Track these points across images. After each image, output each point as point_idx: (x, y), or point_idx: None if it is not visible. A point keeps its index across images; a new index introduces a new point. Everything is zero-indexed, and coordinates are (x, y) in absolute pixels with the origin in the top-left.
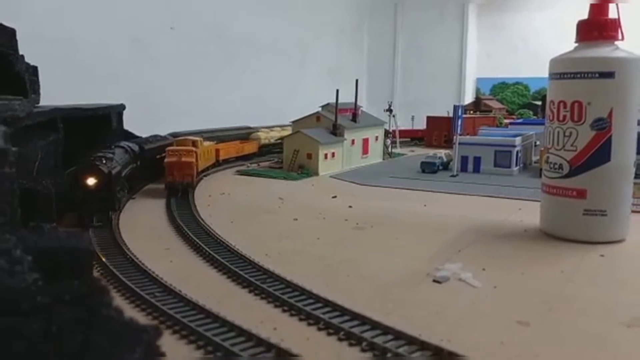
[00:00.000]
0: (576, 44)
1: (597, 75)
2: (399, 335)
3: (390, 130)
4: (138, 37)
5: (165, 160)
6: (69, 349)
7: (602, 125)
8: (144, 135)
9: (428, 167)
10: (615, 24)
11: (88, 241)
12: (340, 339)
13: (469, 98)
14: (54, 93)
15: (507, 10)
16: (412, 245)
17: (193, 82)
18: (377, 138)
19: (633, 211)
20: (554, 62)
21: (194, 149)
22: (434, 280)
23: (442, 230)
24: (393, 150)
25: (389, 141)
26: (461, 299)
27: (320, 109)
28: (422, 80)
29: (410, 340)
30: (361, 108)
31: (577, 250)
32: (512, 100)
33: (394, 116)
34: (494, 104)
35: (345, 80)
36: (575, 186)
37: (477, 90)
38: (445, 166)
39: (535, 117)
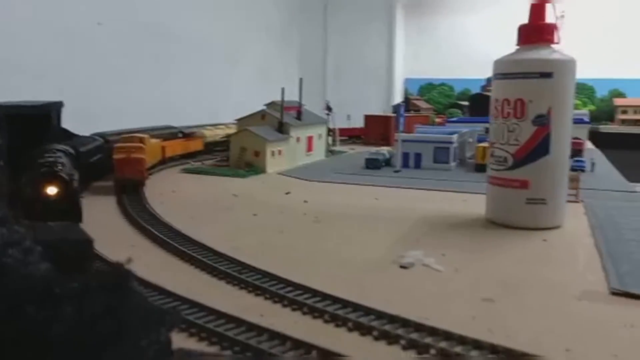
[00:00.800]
0: (517, 47)
1: (537, 75)
2: (380, 314)
3: (332, 129)
4: (64, 33)
5: (114, 157)
6: (103, 331)
7: (542, 122)
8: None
9: (372, 164)
10: (552, 29)
11: (85, 232)
12: (326, 321)
13: (398, 98)
14: None
15: (433, 14)
16: (372, 236)
17: (122, 80)
18: (320, 136)
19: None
20: (498, 63)
21: (142, 145)
22: (401, 266)
23: (396, 222)
24: (334, 148)
25: (331, 139)
26: (428, 281)
27: (264, 107)
28: (354, 80)
29: (392, 319)
30: (304, 106)
31: (522, 235)
32: (439, 101)
33: (328, 114)
34: (422, 104)
35: (277, 79)
36: (519, 177)
37: (406, 91)
38: (388, 162)
39: (463, 116)
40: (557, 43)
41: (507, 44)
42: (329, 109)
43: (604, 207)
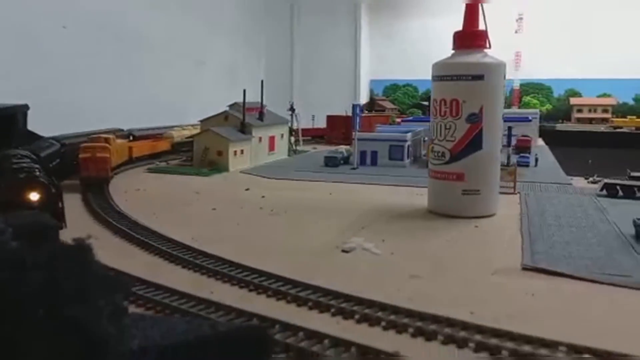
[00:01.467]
0: (453, 51)
1: (470, 77)
2: (326, 292)
3: (294, 129)
4: (27, 35)
5: (80, 156)
6: (66, 292)
7: (475, 119)
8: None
9: (331, 161)
10: (484, 35)
11: (51, 219)
12: (268, 296)
13: (364, 98)
14: None
15: (397, 17)
16: (322, 225)
17: (87, 82)
18: (282, 135)
19: (501, 192)
20: (436, 66)
21: (107, 145)
22: (343, 250)
23: (347, 213)
24: (297, 147)
25: (293, 138)
26: (365, 263)
27: (228, 108)
28: (320, 81)
29: (336, 295)
30: (266, 107)
31: (458, 223)
32: (403, 101)
33: (296, 115)
34: (387, 104)
35: (243, 80)
36: (455, 170)
37: (371, 91)
38: (346, 160)
39: (423, 115)
40: (488, 48)
41: None
42: (292, 109)
43: (537, 197)
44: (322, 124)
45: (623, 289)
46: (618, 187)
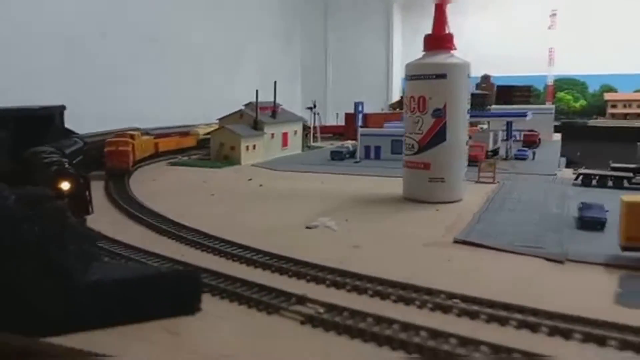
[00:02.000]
0: (423, 53)
1: (434, 76)
2: (274, 256)
3: (310, 126)
4: (72, 43)
5: (105, 149)
6: (48, 239)
7: (439, 114)
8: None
9: (336, 156)
10: (450, 38)
11: (49, 192)
12: (233, 261)
13: (396, 96)
14: None
15: (429, 15)
16: (301, 208)
17: (126, 85)
18: (295, 132)
19: (481, 182)
20: (407, 67)
21: (130, 140)
22: (307, 227)
23: (328, 199)
24: (314, 143)
25: (307, 135)
26: (323, 237)
27: (243, 107)
28: (353, 80)
29: (280, 258)
30: (281, 106)
31: (422, 207)
32: None
33: (317, 113)
34: None
35: (279, 80)
36: (423, 160)
37: (403, 90)
38: (352, 154)
39: None
40: (454, 49)
41: (500, 44)
42: (311, 108)
43: (511, 186)
44: None
45: (533, 258)
46: (592, 177)
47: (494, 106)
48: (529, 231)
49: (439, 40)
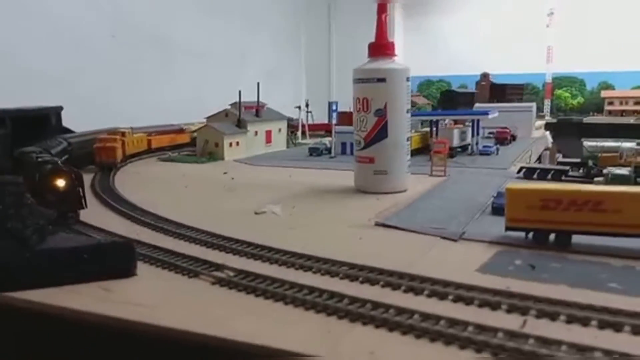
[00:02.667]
0: (368, 59)
1: (375, 80)
2: (222, 237)
3: (294, 124)
4: (81, 45)
5: (95, 145)
6: (9, 214)
7: (380, 114)
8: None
9: (314, 152)
10: (391, 46)
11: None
12: (186, 240)
13: None
14: (2, 97)
15: (429, 14)
16: (258, 197)
17: (134, 84)
18: (280, 130)
19: (434, 175)
20: (354, 71)
21: (118, 137)
22: (255, 213)
23: (288, 189)
24: (302, 140)
25: (293, 132)
26: (266, 221)
27: (229, 106)
28: None
29: (226, 239)
30: (266, 105)
31: (367, 197)
32: (436, 96)
33: (309, 112)
34: (420, 100)
35: (284, 80)
36: (368, 155)
37: None
38: (329, 150)
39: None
40: (395, 55)
41: (499, 43)
42: (299, 107)
43: (456, 179)
44: None
45: (433, 237)
46: (533, 171)
47: (486, 104)
48: (443, 216)
49: (380, 48)
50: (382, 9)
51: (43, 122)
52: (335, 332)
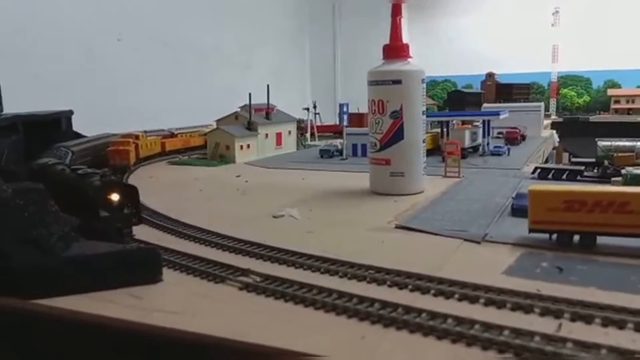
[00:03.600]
0: (383, 61)
1: (390, 82)
2: (239, 240)
3: (304, 125)
4: (88, 48)
5: (108, 148)
6: (34, 221)
7: (396, 115)
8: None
9: (325, 153)
10: (406, 48)
11: (36, 184)
12: (205, 245)
13: None
14: (13, 101)
15: (434, 16)
16: (274, 201)
17: (141, 87)
18: (290, 132)
19: (448, 176)
20: (369, 73)
21: (130, 140)
22: (273, 217)
23: (303, 192)
24: (311, 142)
25: (302, 134)
26: (284, 224)
27: (239, 109)
28: (362, 79)
29: (243, 242)
30: (276, 107)
31: (384, 199)
32: (442, 96)
33: (317, 113)
34: (426, 100)
35: (289, 81)
36: (384, 157)
37: None
38: (341, 152)
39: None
40: (410, 57)
41: (504, 42)
42: (307, 108)
43: (473, 180)
44: None
45: (455, 239)
46: (548, 171)
47: (493, 104)
48: (463, 218)
49: (395, 50)
50: (397, 11)
51: (54, 126)
52: (370, 338)
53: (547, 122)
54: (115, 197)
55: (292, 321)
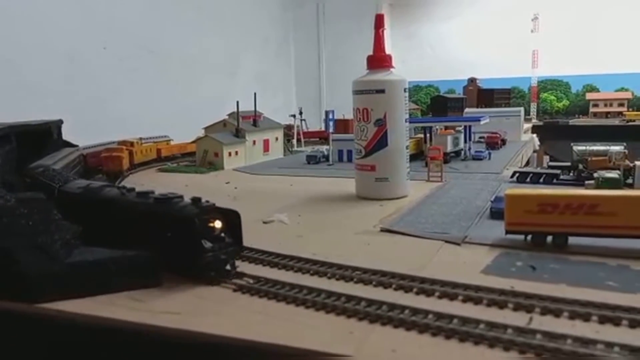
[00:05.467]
0: (367, 71)
1: (374, 91)
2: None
3: (289, 132)
4: (73, 57)
5: (102, 155)
6: (38, 229)
7: (380, 123)
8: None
9: (311, 159)
10: (389, 58)
11: (39, 193)
12: None
13: None
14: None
15: (417, 21)
16: (264, 206)
17: (127, 96)
18: (277, 138)
19: (431, 180)
20: (354, 83)
21: (123, 147)
22: (264, 222)
23: (291, 197)
24: (297, 148)
25: (289, 140)
26: (274, 229)
27: (227, 117)
28: (347, 85)
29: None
30: (263, 115)
31: (370, 204)
32: (425, 101)
33: (303, 120)
34: (410, 106)
35: (275, 88)
36: (369, 163)
37: None
38: (327, 158)
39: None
40: (392, 67)
41: (482, 48)
42: (293, 115)
43: (454, 184)
44: None
45: (437, 241)
46: (526, 175)
47: (474, 109)
48: (444, 221)
49: (378, 60)
50: (379, 23)
51: (45, 136)
52: (358, 333)
53: (527, 126)
54: (217, 224)
55: (287, 319)
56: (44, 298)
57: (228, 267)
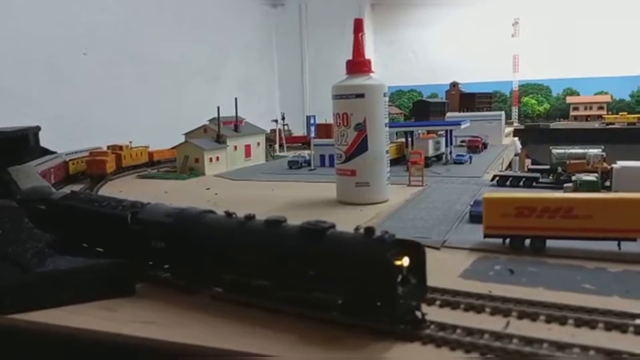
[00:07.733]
0: (346, 75)
1: (354, 96)
2: None
3: (271, 137)
4: (52, 62)
5: (86, 159)
6: (9, 238)
7: (360, 128)
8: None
9: (294, 164)
10: (368, 63)
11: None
12: None
13: None
14: None
15: (399, 26)
16: (245, 211)
17: (109, 102)
18: (258, 144)
19: (412, 185)
20: (333, 88)
21: (108, 151)
22: None
23: (273, 202)
24: (280, 153)
25: (271, 145)
26: None
27: (207, 122)
28: (329, 90)
29: None
30: (245, 120)
31: (350, 208)
32: (408, 106)
33: (286, 125)
34: (393, 110)
35: (258, 93)
36: (349, 168)
37: None
38: (309, 163)
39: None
40: (372, 72)
41: (464, 53)
42: (282, 118)
43: (435, 188)
44: None
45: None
46: (506, 178)
47: (456, 113)
48: (424, 225)
49: (357, 65)
50: (358, 28)
51: (22, 143)
52: (334, 338)
53: (509, 129)
54: (406, 262)
55: (264, 326)
56: (13, 309)
57: (419, 314)
